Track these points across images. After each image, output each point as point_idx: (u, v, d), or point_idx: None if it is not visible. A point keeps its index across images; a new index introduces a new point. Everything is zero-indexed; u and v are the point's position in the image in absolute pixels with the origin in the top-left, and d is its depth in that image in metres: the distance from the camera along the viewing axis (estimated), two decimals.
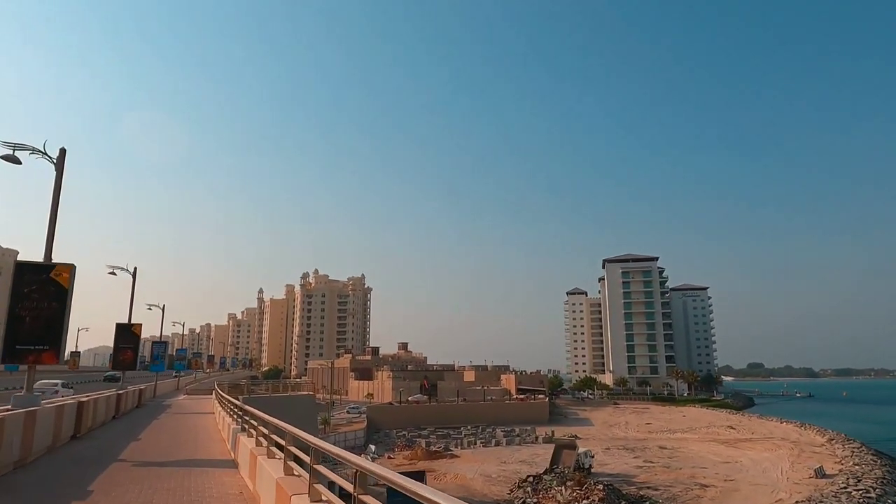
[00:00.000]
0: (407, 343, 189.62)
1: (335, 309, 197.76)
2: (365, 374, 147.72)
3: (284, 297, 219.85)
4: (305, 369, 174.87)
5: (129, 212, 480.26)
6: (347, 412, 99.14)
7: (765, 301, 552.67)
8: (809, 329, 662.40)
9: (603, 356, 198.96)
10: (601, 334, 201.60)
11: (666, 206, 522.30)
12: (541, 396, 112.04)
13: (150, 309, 45.14)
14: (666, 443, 69.32)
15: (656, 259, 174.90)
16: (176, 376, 63.76)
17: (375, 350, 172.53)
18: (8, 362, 13.87)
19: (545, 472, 43.81)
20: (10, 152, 14.05)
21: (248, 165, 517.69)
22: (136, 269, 30.36)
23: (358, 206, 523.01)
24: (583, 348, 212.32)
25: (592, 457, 47.85)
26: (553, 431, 74.05)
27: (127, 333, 29.37)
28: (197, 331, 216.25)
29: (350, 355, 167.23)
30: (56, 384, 33.79)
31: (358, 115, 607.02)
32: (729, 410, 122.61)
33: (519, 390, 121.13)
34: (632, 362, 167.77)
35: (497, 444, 65.15)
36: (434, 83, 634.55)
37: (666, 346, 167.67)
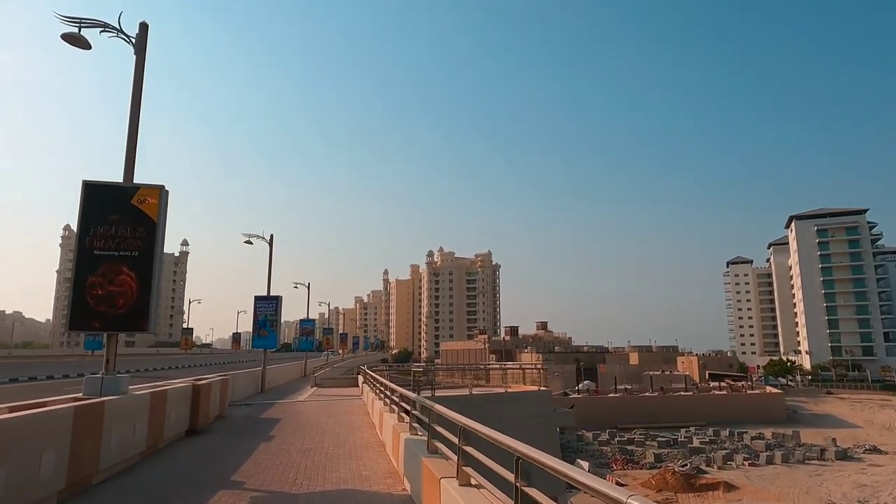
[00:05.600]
0: (546, 322, 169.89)
1: (463, 288, 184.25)
2: (506, 356, 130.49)
3: (410, 277, 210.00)
4: (437, 351, 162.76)
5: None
6: None
7: None
8: None
9: (777, 335, 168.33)
10: (773, 309, 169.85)
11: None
12: (748, 384, 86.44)
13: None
14: None
15: (865, 212, 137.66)
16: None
17: (514, 329, 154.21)
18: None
19: None
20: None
21: (363, 148, 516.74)
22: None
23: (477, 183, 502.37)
24: (750, 326, 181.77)
25: None
26: (834, 438, 49.91)
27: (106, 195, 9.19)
28: (326, 315, 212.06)
29: (485, 336, 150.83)
30: None
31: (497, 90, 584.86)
32: None
33: (711, 376, 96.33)
34: (835, 341, 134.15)
35: (771, 461, 42.47)
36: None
37: (884, 321, 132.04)
